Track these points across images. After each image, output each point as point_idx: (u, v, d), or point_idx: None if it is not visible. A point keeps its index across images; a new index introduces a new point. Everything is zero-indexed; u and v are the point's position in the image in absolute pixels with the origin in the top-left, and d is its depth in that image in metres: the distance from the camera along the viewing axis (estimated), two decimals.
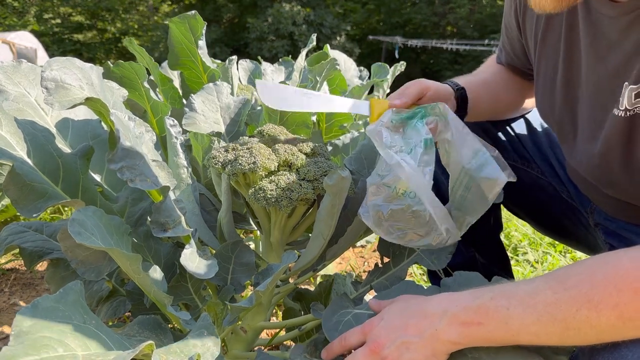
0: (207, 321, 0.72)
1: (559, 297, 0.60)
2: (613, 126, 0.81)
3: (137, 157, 0.70)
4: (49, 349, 0.44)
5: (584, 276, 0.60)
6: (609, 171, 0.87)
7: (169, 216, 0.76)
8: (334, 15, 23.76)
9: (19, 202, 0.79)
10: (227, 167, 0.91)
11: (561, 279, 0.62)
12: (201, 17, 1.47)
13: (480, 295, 0.66)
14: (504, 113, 1.23)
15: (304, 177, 0.92)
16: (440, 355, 0.66)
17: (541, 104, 1.02)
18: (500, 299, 0.64)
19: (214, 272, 0.83)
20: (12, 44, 9.73)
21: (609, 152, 0.84)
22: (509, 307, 0.63)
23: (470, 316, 0.64)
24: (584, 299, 0.59)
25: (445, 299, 0.69)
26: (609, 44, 0.80)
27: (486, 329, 0.64)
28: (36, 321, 0.47)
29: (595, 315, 0.58)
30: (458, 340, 0.65)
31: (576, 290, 0.60)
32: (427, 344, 0.66)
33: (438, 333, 0.66)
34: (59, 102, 0.63)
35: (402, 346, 0.67)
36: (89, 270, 0.81)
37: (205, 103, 1.19)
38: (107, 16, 24.32)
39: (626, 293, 0.57)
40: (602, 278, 0.59)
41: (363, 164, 1.18)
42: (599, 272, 0.60)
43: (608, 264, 0.60)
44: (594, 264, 0.61)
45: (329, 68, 1.57)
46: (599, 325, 0.58)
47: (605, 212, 1.05)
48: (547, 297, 0.61)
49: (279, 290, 1.04)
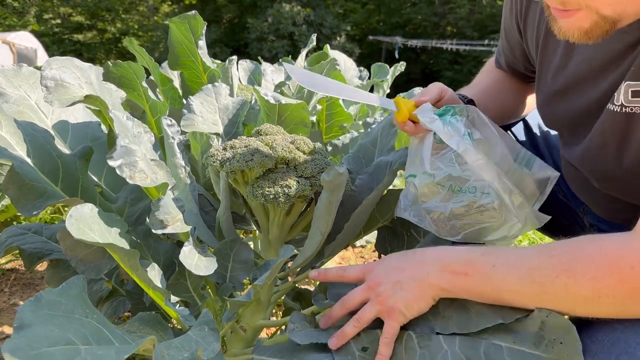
0: (208, 317, 0.72)
1: (543, 262, 0.66)
2: (608, 121, 0.82)
3: (136, 155, 0.71)
4: (50, 344, 0.45)
5: (570, 249, 0.67)
6: (604, 165, 0.87)
7: (167, 213, 0.77)
8: (334, 15, 23.78)
9: (19, 201, 0.80)
10: (225, 165, 0.92)
11: (549, 248, 0.69)
12: (201, 17, 1.47)
13: (473, 251, 0.73)
14: (508, 119, 1.24)
15: (302, 174, 0.93)
16: (428, 297, 0.73)
17: (542, 108, 1.02)
18: (490, 256, 0.71)
19: (212, 269, 0.83)
20: (12, 44, 9.74)
21: (604, 146, 0.85)
22: (496, 264, 0.69)
23: (459, 267, 0.71)
24: (564, 267, 0.65)
25: (441, 250, 0.77)
26: (606, 42, 0.80)
27: (471, 280, 0.70)
28: (39, 314, 0.48)
29: (573, 283, 0.64)
30: (446, 287, 0.72)
31: (559, 259, 0.66)
32: (418, 285, 0.73)
33: (429, 277, 0.73)
34: (59, 100, 0.64)
35: (397, 285, 0.75)
36: (88, 269, 0.82)
37: (203, 104, 1.19)
38: (107, 16, 24.34)
39: (603, 270, 0.62)
40: (586, 253, 0.65)
41: (361, 163, 1.19)
42: (584, 248, 0.65)
43: (594, 242, 0.66)
44: (581, 241, 0.67)
45: (329, 68, 1.58)
46: (575, 294, 0.64)
47: (597, 214, 1.06)
48: (532, 261, 0.67)
49: (278, 288, 1.04)
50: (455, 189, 0.84)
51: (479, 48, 20.43)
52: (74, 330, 0.49)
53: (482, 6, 22.94)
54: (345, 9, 25.71)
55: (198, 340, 0.66)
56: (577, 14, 0.68)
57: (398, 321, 0.73)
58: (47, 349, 0.44)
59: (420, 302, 0.73)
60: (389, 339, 0.72)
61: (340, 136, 1.79)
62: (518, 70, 1.16)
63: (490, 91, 1.17)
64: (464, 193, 0.84)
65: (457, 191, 0.84)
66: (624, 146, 0.81)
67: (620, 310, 0.63)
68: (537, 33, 0.97)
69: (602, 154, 0.86)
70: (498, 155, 0.88)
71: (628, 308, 0.63)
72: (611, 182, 0.90)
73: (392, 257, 0.81)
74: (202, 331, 0.69)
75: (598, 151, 0.87)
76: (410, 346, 0.70)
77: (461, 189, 0.84)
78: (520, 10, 1.01)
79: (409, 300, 0.73)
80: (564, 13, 0.69)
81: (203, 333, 0.69)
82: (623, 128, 0.79)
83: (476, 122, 0.91)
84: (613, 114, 0.80)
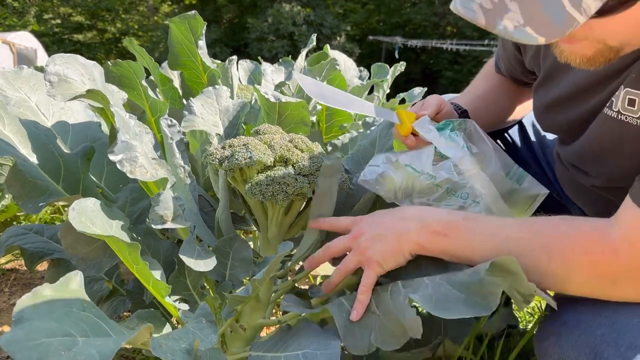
0: (206, 309, 0.73)
1: (521, 235, 0.70)
2: (604, 125, 0.82)
3: (136, 150, 0.72)
4: (49, 335, 0.45)
5: (550, 226, 0.70)
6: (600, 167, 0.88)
7: (167, 208, 0.78)
8: (334, 15, 23.77)
9: (21, 199, 0.81)
10: (224, 163, 0.93)
11: (530, 222, 0.72)
12: (201, 17, 1.48)
13: (455, 214, 0.77)
14: (504, 124, 1.24)
15: (300, 172, 0.94)
16: (405, 252, 0.77)
17: (540, 116, 1.03)
18: (472, 222, 0.74)
19: (212, 265, 0.84)
20: (12, 44, 9.74)
21: (600, 150, 0.85)
22: (476, 230, 0.73)
23: (440, 227, 0.75)
24: (541, 242, 0.68)
25: (424, 209, 0.81)
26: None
27: (449, 242, 0.74)
28: (37, 309, 0.48)
29: (546, 258, 0.67)
30: (424, 245, 0.76)
31: (537, 233, 0.69)
32: (397, 239, 0.77)
33: (409, 233, 0.76)
34: (62, 95, 0.66)
35: (377, 237, 0.78)
36: (89, 267, 0.83)
37: (204, 106, 1.20)
38: (107, 16, 24.33)
39: (578, 250, 0.65)
40: (563, 232, 0.68)
41: (360, 164, 1.20)
42: (562, 227, 0.69)
43: (572, 223, 0.69)
44: (562, 220, 0.70)
45: (329, 68, 1.58)
46: (546, 268, 0.66)
47: (587, 214, 1.06)
48: (512, 232, 0.70)
49: (277, 287, 1.05)
50: (450, 191, 0.87)
51: (479, 48, 20.42)
52: (72, 323, 0.50)
53: None
54: (345, 9, 25.71)
55: (195, 332, 0.67)
56: (582, 42, 0.66)
57: (375, 271, 0.77)
58: (45, 339, 0.45)
59: (397, 256, 0.77)
60: (366, 287, 0.75)
61: (340, 136, 1.79)
62: (517, 78, 1.16)
63: (487, 99, 1.17)
64: (457, 197, 0.88)
65: (451, 194, 0.87)
66: (618, 153, 0.82)
67: (586, 291, 0.67)
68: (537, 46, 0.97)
69: (598, 157, 0.87)
70: (492, 169, 0.92)
71: (594, 289, 0.66)
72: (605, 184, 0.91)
73: (379, 212, 0.86)
74: (200, 323, 0.71)
75: (594, 155, 0.88)
76: (394, 290, 0.73)
77: (455, 193, 0.87)
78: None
79: (386, 252, 0.77)
80: (567, 40, 0.67)
81: (200, 325, 0.70)
82: (617, 135, 0.80)
83: (473, 136, 0.95)
84: (610, 119, 0.80)
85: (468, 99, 1.16)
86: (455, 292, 0.64)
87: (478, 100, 1.16)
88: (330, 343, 0.68)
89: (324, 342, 0.68)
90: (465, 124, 0.95)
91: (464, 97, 1.18)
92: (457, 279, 0.66)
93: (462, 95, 1.19)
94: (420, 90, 2.84)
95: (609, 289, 0.66)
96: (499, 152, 0.98)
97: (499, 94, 1.20)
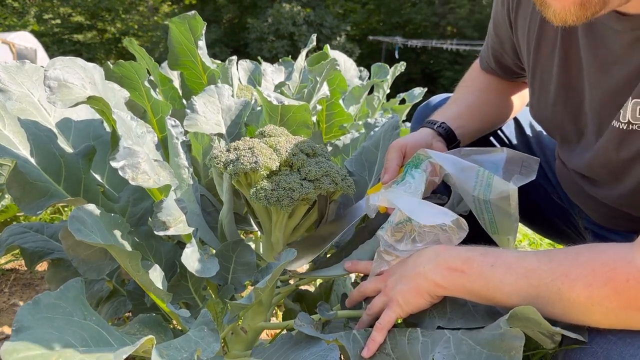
0: (207, 317, 0.72)
1: (541, 266, 0.66)
2: (612, 138, 0.81)
3: (139, 156, 0.71)
4: (49, 345, 0.45)
5: (570, 255, 0.66)
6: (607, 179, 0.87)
7: (170, 214, 0.76)
8: (334, 15, 23.77)
9: (22, 200, 0.80)
10: (229, 167, 0.92)
11: (549, 253, 0.69)
12: (201, 18, 1.47)
13: (473, 250, 0.73)
14: (497, 125, 1.22)
15: (305, 177, 0.93)
16: (424, 292, 0.74)
17: (537, 109, 1.02)
18: (490, 257, 0.70)
19: (214, 270, 0.83)
20: (12, 44, 9.72)
21: (608, 163, 0.85)
22: (494, 264, 0.69)
23: (456, 263, 0.71)
24: (562, 272, 0.64)
25: (441, 247, 0.77)
26: (613, 57, 0.79)
27: (467, 279, 0.70)
28: (37, 317, 0.47)
29: (567, 289, 0.63)
30: (440, 283, 0.72)
31: (558, 264, 0.66)
32: (414, 279, 0.74)
33: (425, 271, 0.73)
34: (62, 101, 0.64)
35: (400, 278, 0.77)
36: (90, 269, 0.82)
37: (206, 105, 1.19)
38: (107, 16, 24.32)
39: (600, 278, 0.62)
40: (584, 260, 0.64)
41: (364, 166, 1.19)
42: (583, 255, 0.65)
43: (593, 250, 0.66)
44: (582, 248, 0.67)
45: (329, 68, 1.57)
46: (568, 299, 0.63)
47: (591, 218, 1.05)
48: (531, 264, 0.67)
49: (279, 290, 1.04)
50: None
51: (479, 48, 20.34)
52: (72, 332, 0.49)
53: (482, 6, 22.92)
54: (345, 9, 25.71)
55: (197, 341, 0.66)
56: None
57: (395, 312, 0.75)
58: (46, 350, 0.44)
59: (417, 297, 0.74)
60: (381, 326, 0.73)
61: (341, 136, 1.78)
62: (506, 65, 1.13)
63: (476, 106, 1.14)
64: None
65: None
66: (629, 164, 0.80)
67: (613, 321, 0.63)
68: (528, 33, 0.96)
69: (605, 169, 0.86)
70: (462, 188, 0.88)
71: (621, 319, 0.62)
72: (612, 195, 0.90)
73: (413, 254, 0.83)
74: (202, 331, 0.69)
75: (601, 168, 0.87)
76: (413, 337, 0.70)
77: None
78: (512, 5, 1.00)
79: (406, 294, 0.75)
80: None
81: (202, 333, 0.69)
82: (628, 145, 0.79)
83: (434, 165, 0.91)
84: (618, 131, 0.79)
85: (454, 109, 1.12)
86: (478, 349, 0.62)
87: (467, 107, 1.13)
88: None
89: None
90: (420, 154, 0.92)
91: (454, 106, 1.14)
92: (479, 335, 0.64)
93: (451, 104, 1.15)
94: (420, 91, 2.83)
95: (637, 318, 0.62)
96: (462, 162, 0.90)
97: (488, 97, 1.17)
